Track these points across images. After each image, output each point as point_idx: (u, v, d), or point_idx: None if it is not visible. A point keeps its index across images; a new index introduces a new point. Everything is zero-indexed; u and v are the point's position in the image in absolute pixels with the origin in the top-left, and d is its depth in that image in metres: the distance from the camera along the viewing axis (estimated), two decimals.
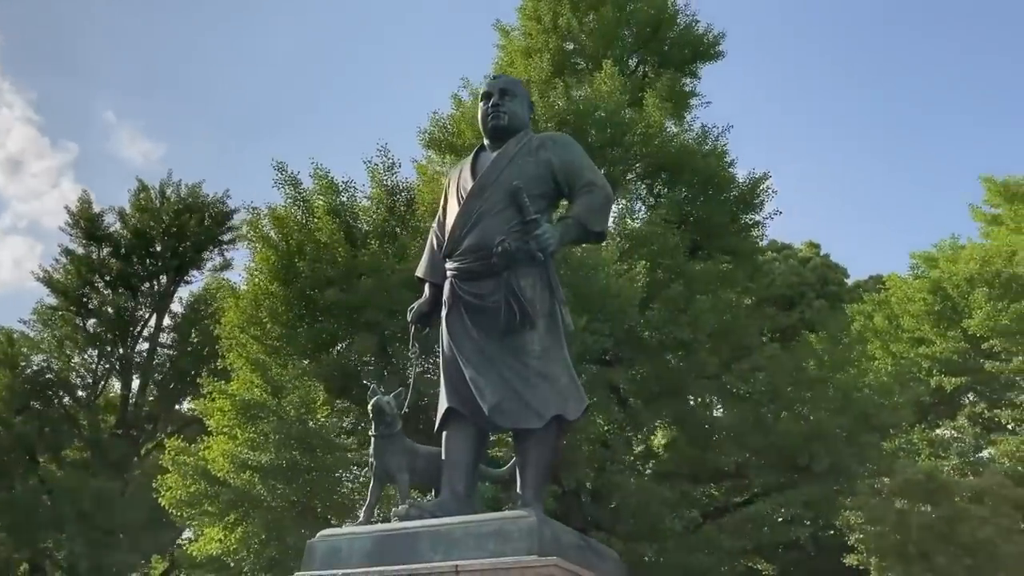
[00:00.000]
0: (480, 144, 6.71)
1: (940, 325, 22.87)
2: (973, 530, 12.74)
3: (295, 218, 15.67)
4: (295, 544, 14.34)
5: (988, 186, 25.99)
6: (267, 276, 14.84)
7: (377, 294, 13.97)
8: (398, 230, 15.47)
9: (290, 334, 14.58)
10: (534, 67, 18.58)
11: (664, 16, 21.35)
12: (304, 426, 13.34)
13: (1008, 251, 21.74)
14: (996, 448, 20.07)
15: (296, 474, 13.76)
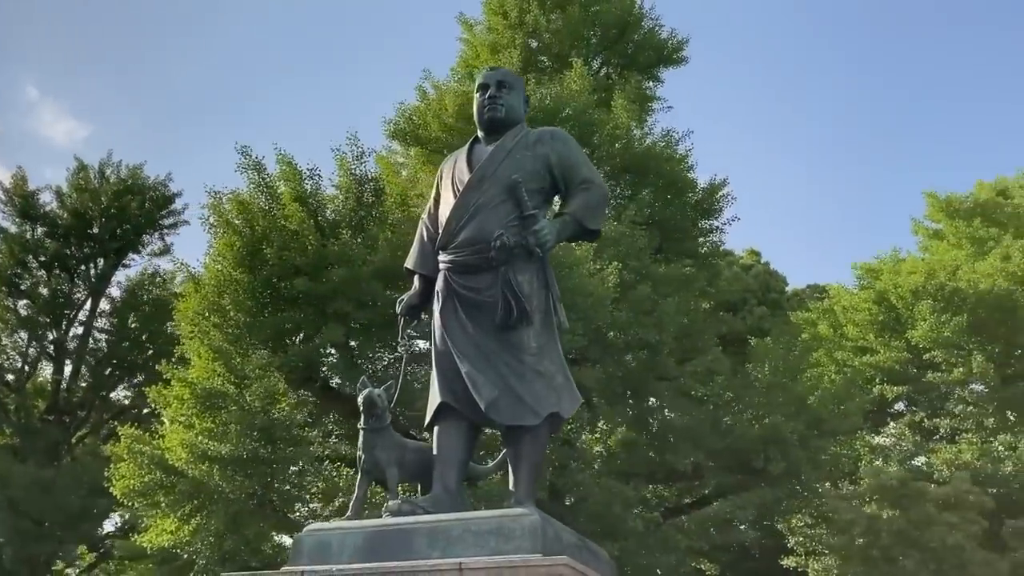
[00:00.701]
0: (474, 136, 6.60)
1: (884, 335, 23.50)
2: (943, 536, 13.09)
3: (259, 204, 15.34)
4: (253, 537, 14.12)
5: (931, 202, 26.82)
6: (230, 262, 14.46)
7: (347, 285, 13.74)
8: (365, 221, 15.22)
9: (253, 323, 14.25)
10: (504, 62, 18.49)
11: (630, 19, 21.48)
12: (268, 417, 13.04)
13: (953, 265, 22.44)
14: (935, 456, 20.70)
15: (256, 466, 13.46)
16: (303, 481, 14.19)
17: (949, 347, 21.85)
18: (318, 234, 14.14)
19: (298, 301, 14.23)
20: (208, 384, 13.75)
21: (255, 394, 13.16)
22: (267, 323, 14.12)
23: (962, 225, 24.68)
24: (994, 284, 22.00)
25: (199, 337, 14.09)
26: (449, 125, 18.25)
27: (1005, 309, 21.92)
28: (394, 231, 14.84)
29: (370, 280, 13.93)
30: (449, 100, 18.64)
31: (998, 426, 20.85)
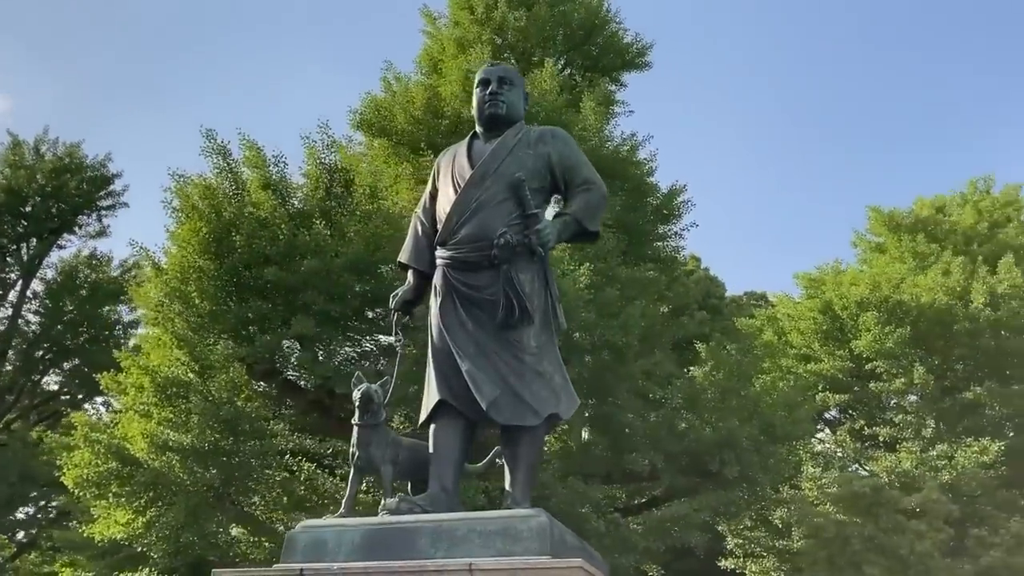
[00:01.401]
0: (472, 132, 6.57)
1: (828, 344, 24.10)
2: (911, 543, 13.45)
3: (224, 190, 14.97)
4: (212, 531, 13.79)
5: (875, 216, 27.60)
6: (195, 249, 14.08)
7: (318, 276, 13.50)
8: (334, 212, 14.98)
9: (218, 311, 13.90)
10: (475, 58, 18.38)
11: (596, 20, 21.58)
12: (234, 408, 12.73)
13: (897, 279, 23.12)
14: (876, 464, 21.30)
15: (218, 457, 13.14)
16: (263, 475, 13.89)
17: (891, 358, 22.51)
18: (290, 222, 13.84)
19: (266, 291, 13.93)
20: (170, 373, 13.36)
21: (221, 385, 12.83)
22: (233, 312, 13.78)
23: (906, 240, 25.42)
24: (935, 298, 22.73)
25: (164, 324, 13.68)
26: (417, 118, 18.10)
27: (944, 323, 22.66)
28: (364, 223, 14.65)
29: (341, 272, 13.72)
30: (417, 93, 18.49)
31: (935, 436, 21.54)
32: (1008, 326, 22.39)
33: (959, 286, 23.04)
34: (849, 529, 14.13)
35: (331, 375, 13.56)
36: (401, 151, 18.19)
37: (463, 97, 17.98)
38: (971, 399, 21.75)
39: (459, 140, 18.64)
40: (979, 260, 23.86)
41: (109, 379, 14.89)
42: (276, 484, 14.13)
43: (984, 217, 26.49)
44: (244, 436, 13.17)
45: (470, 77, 18.43)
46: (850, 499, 14.57)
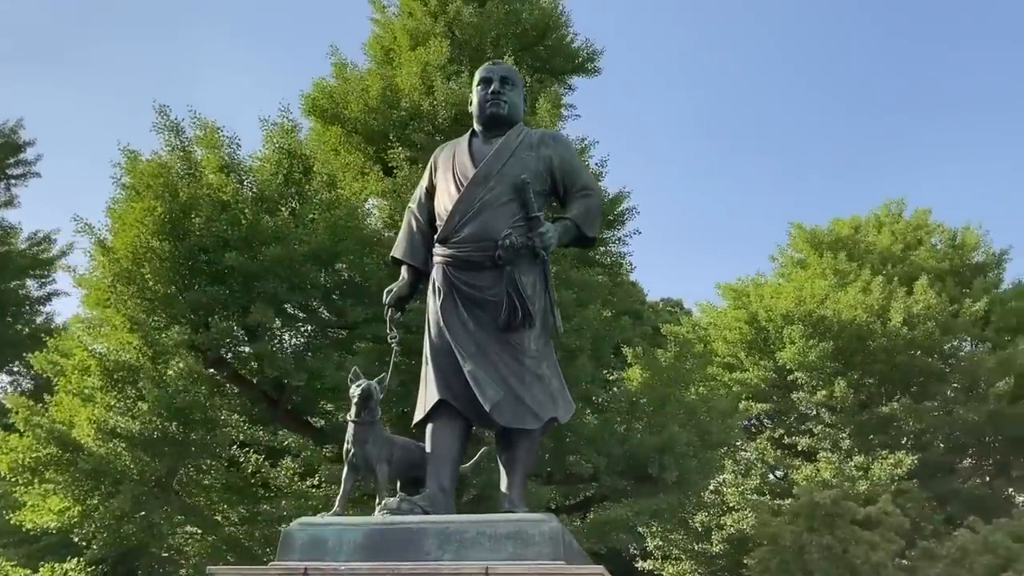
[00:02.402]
0: (470, 130, 6.54)
1: (753, 354, 24.81)
2: (866, 553, 13.94)
3: (177, 169, 14.42)
4: (158, 523, 13.29)
5: (797, 232, 28.53)
6: (149, 229, 13.51)
7: (280, 264, 13.15)
8: (293, 199, 14.62)
9: (171, 296, 13.39)
10: (435, 52, 18.19)
11: (550, 22, 21.62)
12: (189, 396, 12.27)
13: (822, 294, 23.97)
14: (796, 472, 22.05)
15: (167, 447, 12.67)
16: (211, 465, 13.46)
17: (813, 370, 23.33)
18: (254, 207, 13.41)
19: (223, 276, 13.47)
20: (120, 357, 12.78)
21: (176, 371, 12.36)
22: (187, 297, 13.29)
23: (828, 257, 26.35)
24: (855, 315, 23.65)
25: (116, 306, 13.07)
26: (373, 107, 17.82)
27: (863, 339, 23.60)
28: (326, 212, 14.34)
29: (303, 261, 13.40)
30: (372, 82, 18.20)
31: (852, 448, 22.43)
32: (922, 345, 23.46)
33: (877, 304, 24.02)
34: (805, 538, 14.60)
35: (289, 367, 13.23)
36: (354, 139, 17.89)
37: (422, 89, 17.80)
38: (887, 413, 22.71)
39: (415, 132, 18.49)
40: (895, 281, 24.91)
41: (43, 360, 14.19)
42: (223, 475, 13.71)
43: (898, 239, 27.67)
44: (195, 425, 12.72)
45: (428, 70, 18.28)
46: (809, 509, 15.06)
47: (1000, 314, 25.22)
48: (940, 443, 23.18)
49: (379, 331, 13.61)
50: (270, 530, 13.81)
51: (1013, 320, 25.21)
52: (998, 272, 27.33)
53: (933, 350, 23.75)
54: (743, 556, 23.26)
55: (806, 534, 14.78)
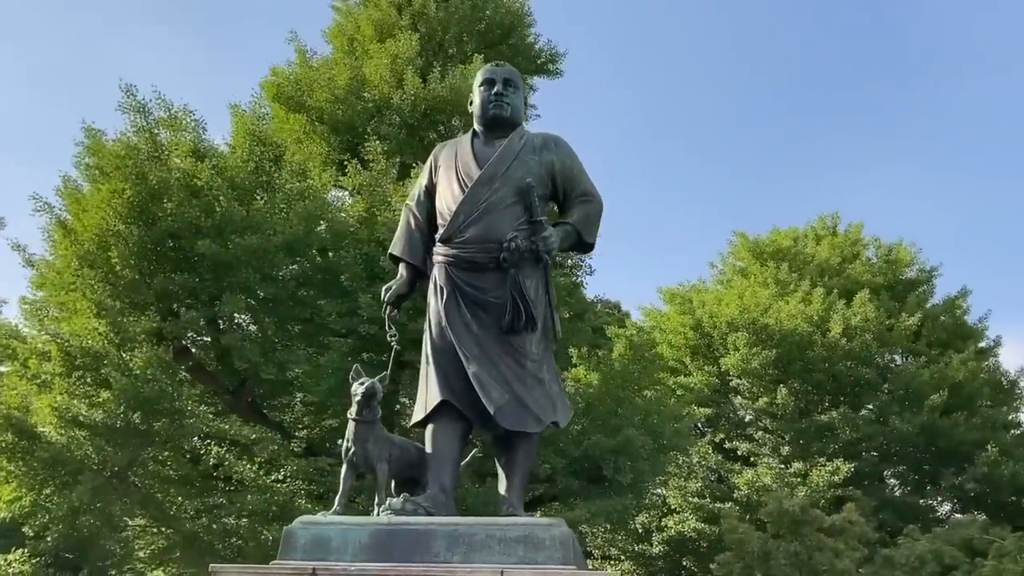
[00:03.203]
0: (472, 130, 6.56)
1: (698, 359, 25.23)
2: (831, 560, 14.28)
3: (145, 152, 13.97)
4: (115, 515, 12.89)
5: (741, 241, 29.11)
6: (116, 212, 13.06)
7: (254, 254, 12.85)
8: (265, 187, 14.30)
9: (136, 282, 12.98)
10: (404, 45, 18.00)
11: (515, 21, 21.59)
12: (159, 387, 11.90)
13: (766, 303, 24.52)
14: (738, 477, 22.53)
15: (130, 437, 12.28)
16: (168, 457, 13.10)
17: (755, 377, 23.86)
18: (229, 193, 13.06)
19: (193, 264, 13.10)
20: (85, 343, 12.33)
21: (145, 360, 11.97)
22: (156, 284, 12.89)
23: (770, 266, 26.95)
24: (796, 325, 24.25)
25: (82, 290, 12.59)
26: (339, 97, 17.56)
27: (803, 348, 24.21)
28: (298, 202, 14.07)
29: (276, 251, 13.13)
30: (340, 72, 17.93)
31: (792, 454, 23.01)
32: (860, 357, 24.17)
33: (817, 315, 24.67)
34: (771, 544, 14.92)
35: (257, 359, 12.95)
36: (319, 129, 17.59)
37: (392, 82, 17.62)
38: (825, 422, 23.35)
39: (383, 124, 18.25)
40: (834, 292, 25.61)
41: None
42: (184, 467, 13.36)
43: (836, 252, 28.45)
44: (161, 416, 12.35)
45: (398, 63, 18.10)
46: (777, 516, 15.42)
47: (931, 328, 26.14)
48: (873, 452, 23.92)
49: (352, 325, 13.49)
50: (230, 524, 13.54)
51: (944, 334, 26.16)
52: (928, 287, 28.31)
53: (869, 361, 24.49)
54: (682, 558, 23.70)
55: (771, 540, 15.13)
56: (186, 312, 12.68)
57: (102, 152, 13.62)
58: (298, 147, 17.35)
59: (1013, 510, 21.74)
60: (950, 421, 22.83)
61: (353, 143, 18.01)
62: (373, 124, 17.46)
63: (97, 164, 13.65)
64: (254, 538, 13.09)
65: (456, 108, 17.25)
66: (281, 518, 13.03)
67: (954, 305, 27.38)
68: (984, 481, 22.19)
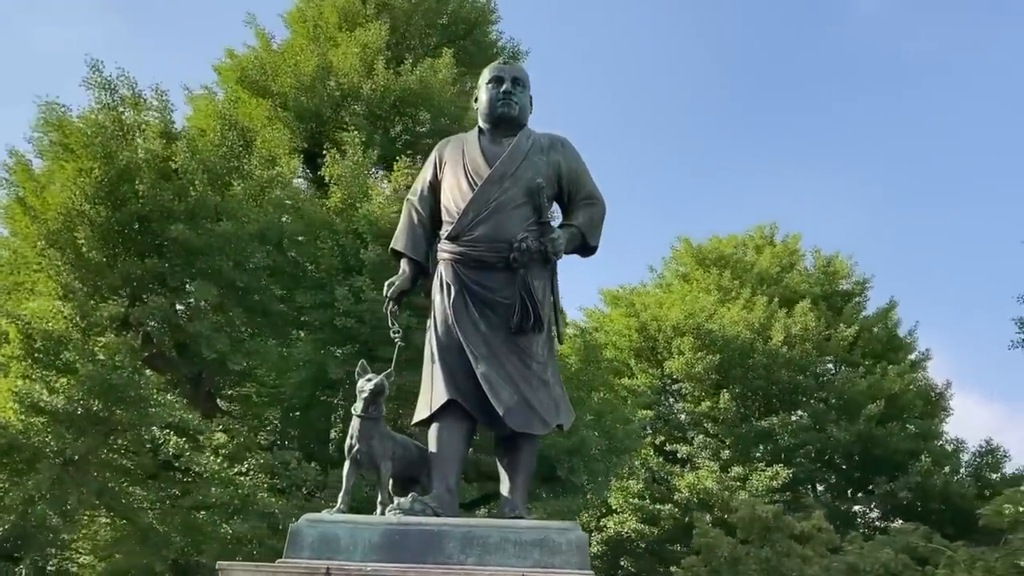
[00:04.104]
0: (477, 128, 6.53)
1: (642, 362, 25.52)
2: (800, 567, 14.54)
3: (112, 131, 13.50)
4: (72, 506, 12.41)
5: (684, 246, 29.56)
6: (82, 192, 12.57)
7: (228, 241, 12.52)
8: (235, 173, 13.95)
9: (102, 265, 12.52)
10: (373, 35, 17.76)
11: (480, 17, 21.51)
12: (126, 375, 11.49)
13: (710, 309, 24.97)
14: (678, 479, 22.87)
15: (92, 426, 11.85)
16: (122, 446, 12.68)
17: (697, 381, 24.27)
18: (205, 177, 12.68)
19: (162, 249, 12.69)
20: (47, 326, 11.83)
21: (113, 346, 11.56)
22: (123, 268, 12.45)
23: (713, 273, 27.44)
24: (739, 332, 24.75)
25: (47, 271, 12.08)
26: (306, 85, 17.22)
27: (745, 354, 24.72)
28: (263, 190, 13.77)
29: (250, 239, 12.82)
30: (306, 59, 17.60)
31: (732, 458, 23.47)
32: (799, 364, 24.79)
33: (759, 322, 25.21)
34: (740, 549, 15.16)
35: (226, 349, 12.63)
36: (284, 115, 17.22)
37: (362, 71, 17.38)
38: (765, 427, 23.88)
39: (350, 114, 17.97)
40: (775, 301, 26.22)
41: None
42: (143, 457, 12.95)
43: (775, 262, 29.11)
44: (126, 404, 11.93)
45: (368, 52, 17.85)
46: (749, 521, 15.65)
47: (866, 340, 26.93)
48: (812, 458, 24.56)
49: (326, 318, 13.24)
50: (188, 517, 13.19)
51: (878, 346, 26.99)
52: (862, 299, 29.17)
53: (807, 369, 25.12)
54: (619, 558, 23.95)
55: (740, 545, 15.40)
56: (153, 298, 12.26)
57: (67, 128, 13.10)
58: (264, 133, 17.01)
59: (939, 518, 22.52)
60: (885, 431, 23.57)
61: (318, 131, 17.72)
62: (339, 113, 17.21)
63: (61, 141, 13.12)
64: (215, 532, 12.77)
65: (425, 102, 17.11)
66: (242, 512, 12.76)
67: (886, 317, 28.27)
68: (916, 489, 22.97)
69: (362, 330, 12.55)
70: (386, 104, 17.05)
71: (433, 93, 17.23)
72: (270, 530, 12.77)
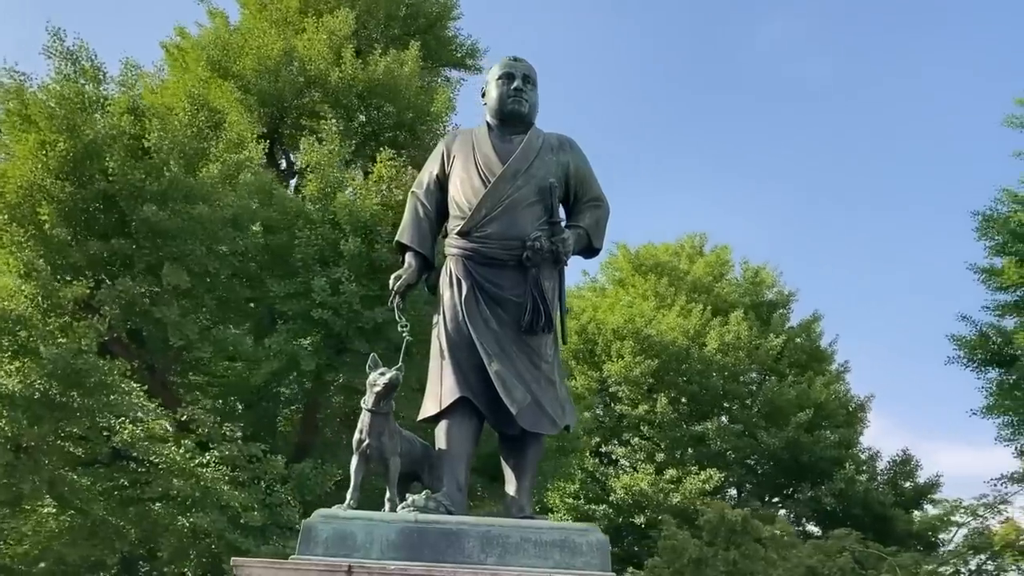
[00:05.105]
0: (486, 124, 6.55)
1: (581, 364, 25.76)
2: (765, 570, 14.80)
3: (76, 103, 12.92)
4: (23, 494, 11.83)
5: (621, 252, 29.93)
6: (45, 167, 11.98)
7: (202, 224, 12.11)
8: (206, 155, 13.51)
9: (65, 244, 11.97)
10: (340, 22, 17.44)
11: (443, 12, 21.33)
12: (91, 358, 10.99)
13: (650, 314, 25.39)
14: (614, 481, 23.18)
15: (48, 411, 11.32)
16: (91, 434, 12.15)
17: (635, 385, 24.64)
18: (180, 158, 12.23)
19: (130, 230, 12.20)
20: (7, 305, 11.22)
21: (80, 329, 11.06)
22: (88, 249, 11.92)
23: (652, 280, 27.89)
24: (676, 338, 25.22)
25: (10, 248, 11.46)
26: (269, 68, 16.80)
27: (681, 360, 25.20)
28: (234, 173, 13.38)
29: (225, 224, 12.43)
30: (270, 43, 17.17)
31: (666, 461, 23.91)
32: (732, 372, 25.41)
33: (694, 329, 25.74)
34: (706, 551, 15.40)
35: (194, 336, 12.22)
36: (248, 100, 16.76)
37: (330, 59, 17.06)
38: (698, 432, 24.39)
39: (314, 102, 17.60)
40: (708, 309, 26.80)
41: None
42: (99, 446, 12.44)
43: (708, 271, 29.75)
44: (85, 391, 11.44)
45: (334, 40, 17.51)
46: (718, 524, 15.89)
47: (791, 350, 27.74)
48: (741, 462, 25.18)
49: (300, 308, 12.93)
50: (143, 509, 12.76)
51: (803, 356, 27.83)
52: (786, 310, 30.03)
53: (739, 377, 25.76)
54: None
55: (706, 548, 15.66)
56: (121, 280, 11.77)
57: (27, 98, 12.49)
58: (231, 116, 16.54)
59: (858, 523, 23.31)
60: (812, 438, 24.34)
61: (278, 117, 17.33)
62: (301, 100, 16.88)
63: (20, 111, 12.49)
64: (171, 525, 12.37)
65: (391, 94, 16.87)
66: (201, 505, 12.39)
67: (810, 328, 29.17)
68: (840, 496, 23.80)
69: (338, 322, 12.31)
70: (352, 94, 16.77)
71: (400, 85, 17.02)
72: (230, 524, 12.44)
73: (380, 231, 12.74)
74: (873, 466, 26.37)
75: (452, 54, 21.95)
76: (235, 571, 5.23)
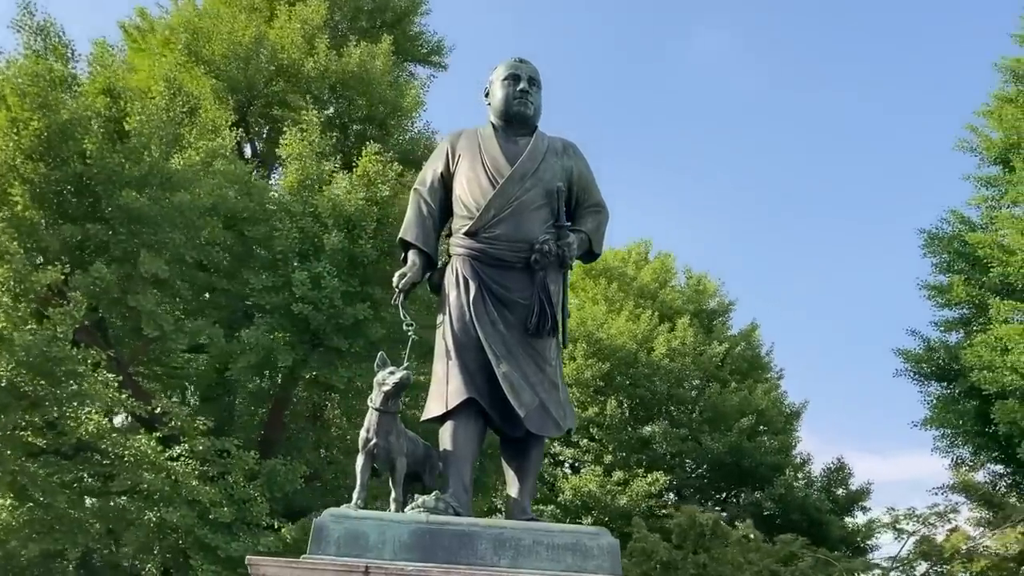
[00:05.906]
0: (491, 124, 6.59)
1: None
2: (733, 573, 14.97)
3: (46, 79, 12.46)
4: None
5: None
6: (16, 147, 11.54)
7: (182, 212, 11.80)
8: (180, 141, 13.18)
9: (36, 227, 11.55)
10: (311, 10, 17.19)
11: (411, 7, 21.18)
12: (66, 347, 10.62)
13: (602, 319, 25.64)
14: (563, 482, 23.31)
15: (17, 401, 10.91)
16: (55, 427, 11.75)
17: (585, 387, 24.84)
18: (161, 143, 11.87)
19: (105, 216, 11.81)
20: None
21: (54, 317, 10.67)
22: (62, 233, 11.51)
23: (602, 284, 28.13)
24: (624, 342, 25.50)
25: None
26: (240, 55, 16.45)
27: (630, 364, 25.49)
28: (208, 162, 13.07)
29: (206, 213, 12.13)
30: (241, 29, 16.83)
31: (614, 463, 24.15)
32: (677, 377, 25.79)
33: (643, 334, 26.06)
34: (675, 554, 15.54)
35: (169, 327, 11.88)
36: (219, 88, 16.38)
37: (303, 48, 16.79)
38: (646, 435, 24.70)
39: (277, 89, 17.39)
40: (656, 315, 27.16)
41: None
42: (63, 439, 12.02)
43: (654, 278, 30.12)
44: (54, 380, 11.04)
45: (307, 29, 17.25)
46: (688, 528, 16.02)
47: (732, 358, 28.29)
48: (685, 467, 25.59)
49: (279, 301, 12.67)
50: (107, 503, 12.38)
51: (744, 364, 28.41)
52: (726, 318, 30.62)
53: (684, 382, 26.18)
54: None
55: (675, 551, 15.83)
56: (97, 267, 11.39)
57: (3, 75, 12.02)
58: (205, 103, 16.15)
59: (794, 528, 23.87)
60: (754, 444, 24.87)
61: (247, 104, 16.99)
62: (272, 88, 16.58)
63: None
64: (138, 519, 12.02)
65: (363, 86, 16.68)
66: (170, 499, 12.10)
67: (750, 337, 29.79)
68: (779, 501, 24.35)
69: (317, 317, 12.11)
70: (324, 85, 16.54)
71: (372, 79, 16.84)
72: (199, 519, 12.18)
73: (365, 226, 12.57)
74: (808, 472, 27.07)
75: (418, 50, 21.85)
76: (250, 569, 5.16)
